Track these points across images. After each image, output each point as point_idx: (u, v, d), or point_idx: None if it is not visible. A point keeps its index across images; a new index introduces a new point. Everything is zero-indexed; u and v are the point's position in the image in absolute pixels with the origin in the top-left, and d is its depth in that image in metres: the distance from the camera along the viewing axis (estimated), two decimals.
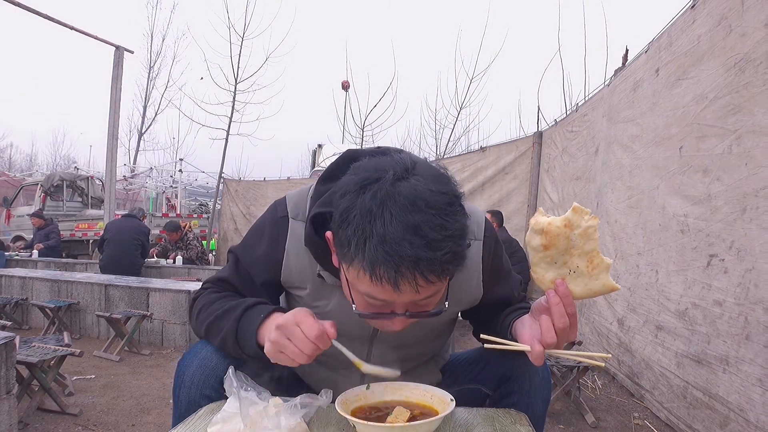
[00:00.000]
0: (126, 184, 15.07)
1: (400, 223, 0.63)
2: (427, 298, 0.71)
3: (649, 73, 2.73)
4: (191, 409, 0.85)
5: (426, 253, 0.63)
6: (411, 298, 0.68)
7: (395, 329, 0.75)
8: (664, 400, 2.35)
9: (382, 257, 0.63)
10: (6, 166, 25.25)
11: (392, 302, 0.70)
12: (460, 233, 0.67)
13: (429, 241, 0.63)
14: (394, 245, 0.63)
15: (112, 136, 7.51)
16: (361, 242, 0.65)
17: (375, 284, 0.66)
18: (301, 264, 0.87)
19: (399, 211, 0.64)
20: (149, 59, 19.08)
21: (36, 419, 2.34)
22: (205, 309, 0.89)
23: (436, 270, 0.65)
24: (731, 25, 1.95)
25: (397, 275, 0.64)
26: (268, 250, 0.89)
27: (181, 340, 3.76)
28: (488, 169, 5.85)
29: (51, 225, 8.04)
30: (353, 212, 0.66)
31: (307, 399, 0.76)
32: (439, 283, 0.68)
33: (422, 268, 0.64)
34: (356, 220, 0.66)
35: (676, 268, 2.30)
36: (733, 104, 1.91)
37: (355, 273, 0.69)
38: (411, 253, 0.62)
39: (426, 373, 1.02)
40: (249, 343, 0.80)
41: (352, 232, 0.66)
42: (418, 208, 0.64)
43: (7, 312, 4.35)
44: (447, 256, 0.64)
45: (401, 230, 0.63)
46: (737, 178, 1.87)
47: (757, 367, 1.71)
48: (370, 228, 0.64)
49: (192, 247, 6.59)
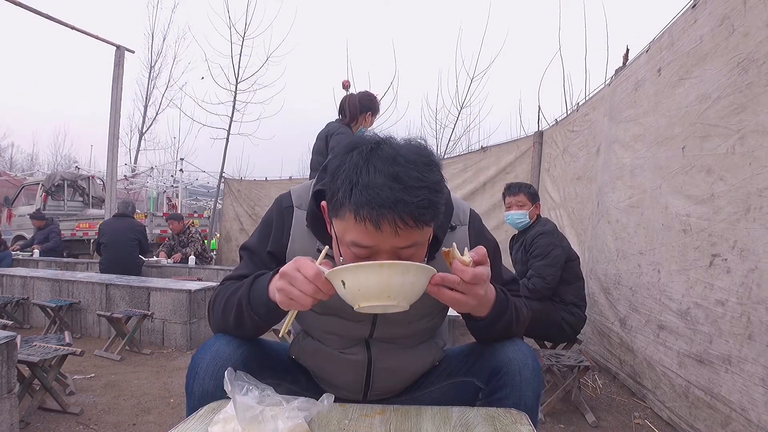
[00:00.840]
0: (127, 184, 15.09)
1: (382, 173, 0.73)
2: (409, 248, 0.78)
3: (651, 72, 2.72)
4: (204, 399, 0.88)
5: (404, 196, 0.72)
6: (392, 242, 0.75)
7: None
8: (666, 399, 2.35)
9: (366, 200, 0.72)
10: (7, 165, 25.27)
11: (376, 249, 0.77)
12: (435, 187, 0.76)
13: (407, 187, 0.73)
14: (377, 190, 0.72)
15: (113, 135, 7.51)
16: (348, 189, 0.74)
17: (359, 226, 0.74)
18: (304, 247, 0.96)
19: (382, 165, 0.74)
20: (150, 59, 19.12)
21: (37, 418, 2.34)
22: (221, 295, 0.96)
23: (413, 213, 0.73)
24: (734, 24, 1.95)
25: (378, 216, 0.72)
26: (276, 237, 0.98)
27: (182, 340, 3.76)
28: (489, 169, 5.84)
29: (52, 225, 8.04)
30: (342, 168, 0.77)
31: (307, 404, 0.76)
32: (416, 229, 0.75)
33: (400, 209, 0.72)
34: (344, 173, 0.76)
35: (678, 267, 2.29)
36: (737, 104, 1.91)
37: (342, 224, 0.78)
38: (391, 196, 0.72)
39: (428, 351, 1.07)
40: (261, 299, 0.85)
41: (341, 182, 0.76)
42: (398, 162, 0.74)
43: (9, 311, 4.36)
44: (423, 202, 0.73)
45: (383, 179, 0.73)
46: (740, 178, 1.86)
47: (759, 367, 1.71)
48: (356, 178, 0.74)
49: (195, 240, 6.61)
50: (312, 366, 1.08)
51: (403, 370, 1.05)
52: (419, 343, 1.06)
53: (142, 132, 19.50)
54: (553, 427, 2.33)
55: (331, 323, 1.00)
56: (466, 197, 5.68)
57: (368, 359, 1.02)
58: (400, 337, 1.02)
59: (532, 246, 2.69)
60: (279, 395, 0.78)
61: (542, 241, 2.66)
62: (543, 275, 2.61)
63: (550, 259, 2.62)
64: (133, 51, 7.73)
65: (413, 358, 1.05)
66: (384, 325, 0.99)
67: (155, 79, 19.38)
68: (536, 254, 2.66)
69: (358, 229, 0.75)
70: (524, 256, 2.76)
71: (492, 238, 1.05)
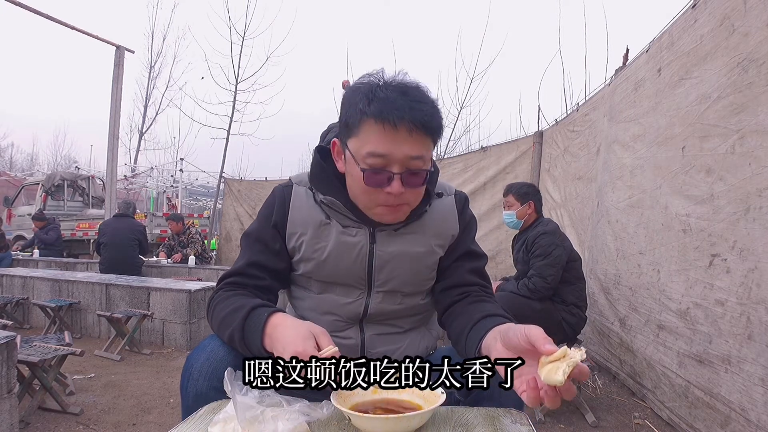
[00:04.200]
0: (127, 184, 15.08)
1: (395, 91, 0.86)
2: (417, 159, 0.87)
3: (651, 72, 2.72)
4: (198, 401, 0.87)
5: (416, 105, 0.86)
6: (405, 150, 0.86)
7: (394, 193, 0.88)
8: (666, 399, 2.35)
9: (384, 107, 0.84)
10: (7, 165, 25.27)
11: (391, 157, 0.86)
12: (436, 104, 0.90)
13: (415, 100, 0.86)
14: (392, 100, 0.85)
15: (113, 135, 7.51)
16: (367, 103, 0.86)
17: (378, 129, 0.85)
18: (303, 214, 1.01)
19: (393, 86, 0.88)
20: (150, 59, 19.09)
21: (37, 418, 2.34)
22: (218, 306, 0.97)
23: (423, 119, 0.85)
24: (734, 24, 1.95)
25: (396, 117, 0.84)
26: (278, 211, 1.03)
27: (182, 340, 3.76)
28: (490, 169, 5.84)
29: (52, 224, 8.04)
30: (358, 93, 0.88)
31: (308, 408, 0.76)
32: (425, 137, 0.87)
33: (413, 114, 0.84)
34: (361, 93, 0.87)
35: (677, 267, 2.29)
36: (737, 104, 1.91)
37: (359, 140, 0.88)
38: (405, 104, 0.85)
39: (421, 338, 1.10)
40: (255, 343, 0.85)
41: (358, 100, 0.87)
42: (406, 84, 0.89)
43: (8, 311, 4.36)
44: (429, 110, 0.87)
45: (396, 94, 0.86)
46: (740, 178, 1.86)
47: (759, 367, 1.71)
48: (373, 94, 0.86)
49: (195, 241, 6.61)
50: None
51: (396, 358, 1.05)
52: (412, 328, 1.09)
53: (142, 132, 19.48)
54: (553, 427, 2.33)
55: (328, 302, 1.03)
56: None
57: (361, 343, 1.04)
58: (393, 317, 1.05)
59: (534, 246, 2.69)
60: (279, 395, 0.78)
61: (544, 241, 2.66)
62: (544, 275, 2.61)
63: (551, 259, 2.62)
64: (133, 51, 7.74)
65: (406, 344, 1.07)
66: (377, 300, 1.02)
67: (155, 79, 19.37)
68: (537, 254, 2.66)
69: (376, 135, 0.86)
70: (525, 256, 2.76)
71: (471, 213, 1.12)
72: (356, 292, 1.02)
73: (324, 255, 1.00)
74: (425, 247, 1.02)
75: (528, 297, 2.63)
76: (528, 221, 2.85)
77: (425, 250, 1.02)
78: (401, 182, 0.88)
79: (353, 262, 1.00)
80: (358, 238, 0.99)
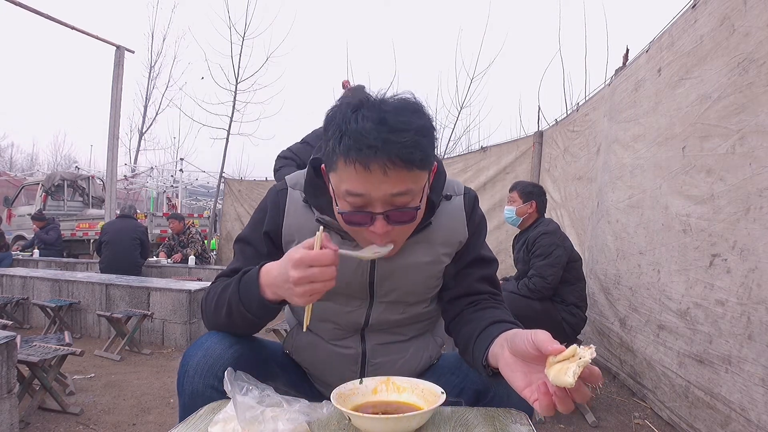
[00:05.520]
0: (127, 184, 15.08)
1: (370, 119, 0.75)
2: (402, 195, 0.78)
3: (651, 72, 2.72)
4: (194, 398, 0.86)
5: (391, 137, 0.74)
6: (384, 189, 0.76)
7: (378, 233, 0.80)
8: (666, 399, 2.35)
9: (354, 144, 0.74)
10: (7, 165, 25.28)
11: (369, 197, 0.77)
12: (422, 131, 0.77)
13: (393, 130, 0.74)
14: (365, 134, 0.74)
15: (113, 135, 7.51)
16: (338, 139, 0.76)
17: (350, 170, 0.76)
18: (299, 221, 0.96)
19: (369, 113, 0.76)
20: (150, 59, 19.07)
21: (37, 418, 2.34)
22: (212, 293, 0.95)
23: (401, 153, 0.74)
24: (734, 25, 1.95)
25: (366, 156, 0.74)
26: (271, 216, 0.97)
27: (181, 340, 3.76)
28: (490, 169, 5.84)
29: (52, 224, 8.05)
30: (335, 119, 0.79)
31: (308, 408, 0.76)
32: (405, 171, 0.76)
33: (388, 149, 0.73)
34: (335, 123, 0.78)
35: (678, 267, 2.29)
36: (737, 104, 1.91)
37: (337, 177, 0.80)
38: (378, 137, 0.73)
39: (424, 346, 1.05)
40: (253, 298, 0.84)
41: (332, 133, 0.78)
42: (384, 110, 0.76)
43: (8, 311, 4.36)
44: (409, 142, 0.75)
45: (371, 124, 0.74)
46: (741, 178, 1.86)
47: (759, 367, 1.71)
48: (346, 126, 0.76)
49: (195, 241, 6.61)
50: (305, 361, 1.06)
51: (398, 368, 1.01)
52: (415, 337, 1.05)
53: (142, 132, 19.47)
54: (553, 427, 2.33)
55: (328, 310, 0.98)
56: None
57: (362, 353, 1.00)
58: (396, 325, 1.01)
59: (534, 245, 2.69)
60: (279, 396, 0.78)
61: (544, 241, 2.66)
62: (544, 275, 2.61)
63: (552, 259, 2.62)
64: (133, 51, 7.74)
65: (408, 354, 1.02)
66: (379, 310, 0.98)
67: (155, 79, 19.36)
68: (538, 254, 2.66)
69: (349, 176, 0.77)
70: (526, 256, 2.76)
71: (482, 213, 1.06)
72: (357, 302, 0.97)
73: None
74: (431, 257, 0.95)
75: (528, 297, 2.63)
76: (528, 220, 2.85)
77: (431, 259, 0.95)
78: (386, 221, 0.80)
79: (353, 274, 0.93)
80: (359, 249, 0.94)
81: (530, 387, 0.67)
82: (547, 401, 0.63)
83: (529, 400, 0.65)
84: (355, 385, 0.85)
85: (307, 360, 1.06)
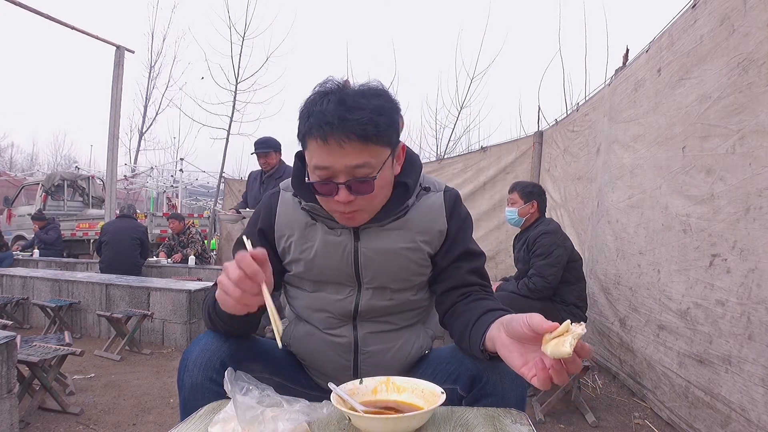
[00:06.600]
0: (127, 184, 15.09)
1: (332, 102, 0.85)
2: (361, 167, 0.87)
3: (651, 72, 2.72)
4: (194, 391, 0.91)
5: (347, 114, 0.84)
6: (344, 161, 0.86)
7: (342, 201, 0.89)
8: (666, 399, 2.35)
9: (315, 122, 0.85)
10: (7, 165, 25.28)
11: (333, 169, 0.87)
12: (378, 109, 0.86)
13: (349, 108, 0.84)
14: (325, 113, 0.85)
15: (113, 135, 7.50)
16: (306, 119, 0.88)
17: (313, 145, 0.87)
18: (290, 218, 1.04)
19: (333, 96, 0.86)
20: (150, 59, 19.04)
21: (37, 418, 2.34)
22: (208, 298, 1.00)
23: (355, 128, 0.84)
24: (734, 25, 1.95)
25: (325, 132, 0.84)
26: (265, 216, 1.07)
27: (182, 340, 3.76)
28: (489, 169, 5.84)
29: (52, 224, 8.05)
30: (305, 104, 0.90)
31: (308, 408, 0.76)
32: (361, 145, 0.85)
33: (343, 125, 0.83)
34: (305, 108, 0.89)
35: (678, 267, 2.29)
36: (737, 104, 1.91)
37: (309, 153, 0.90)
38: (335, 115, 0.84)
39: (415, 336, 1.09)
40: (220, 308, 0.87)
41: (301, 115, 0.90)
42: (346, 93, 0.87)
43: (8, 311, 4.36)
44: (363, 119, 0.84)
45: (332, 105, 0.85)
46: (741, 178, 1.86)
47: (759, 367, 1.71)
48: (312, 109, 0.87)
49: (195, 241, 6.61)
50: (302, 352, 1.10)
51: (390, 357, 1.05)
52: (406, 327, 1.09)
53: (142, 132, 19.45)
54: (553, 427, 2.33)
55: (320, 300, 1.05)
56: (466, 197, 5.67)
57: (354, 341, 1.05)
58: (385, 313, 1.05)
59: (535, 245, 2.70)
60: (279, 396, 0.78)
61: (545, 241, 2.66)
62: (544, 275, 2.62)
63: (552, 258, 2.62)
64: (133, 51, 7.73)
65: (399, 343, 1.07)
66: (367, 297, 1.03)
67: (155, 79, 19.33)
68: (538, 253, 2.67)
69: (314, 150, 0.87)
70: (526, 255, 2.76)
71: (466, 210, 1.10)
72: (347, 290, 1.04)
73: (311, 254, 1.02)
74: (410, 243, 1.02)
75: (528, 297, 2.63)
76: (529, 220, 2.86)
77: (410, 245, 1.02)
78: (348, 190, 0.88)
79: (340, 261, 1.01)
80: (343, 237, 1.01)
81: (527, 365, 0.72)
82: (544, 375, 0.68)
83: (527, 377, 0.71)
84: (355, 385, 0.86)
85: (303, 350, 1.10)
